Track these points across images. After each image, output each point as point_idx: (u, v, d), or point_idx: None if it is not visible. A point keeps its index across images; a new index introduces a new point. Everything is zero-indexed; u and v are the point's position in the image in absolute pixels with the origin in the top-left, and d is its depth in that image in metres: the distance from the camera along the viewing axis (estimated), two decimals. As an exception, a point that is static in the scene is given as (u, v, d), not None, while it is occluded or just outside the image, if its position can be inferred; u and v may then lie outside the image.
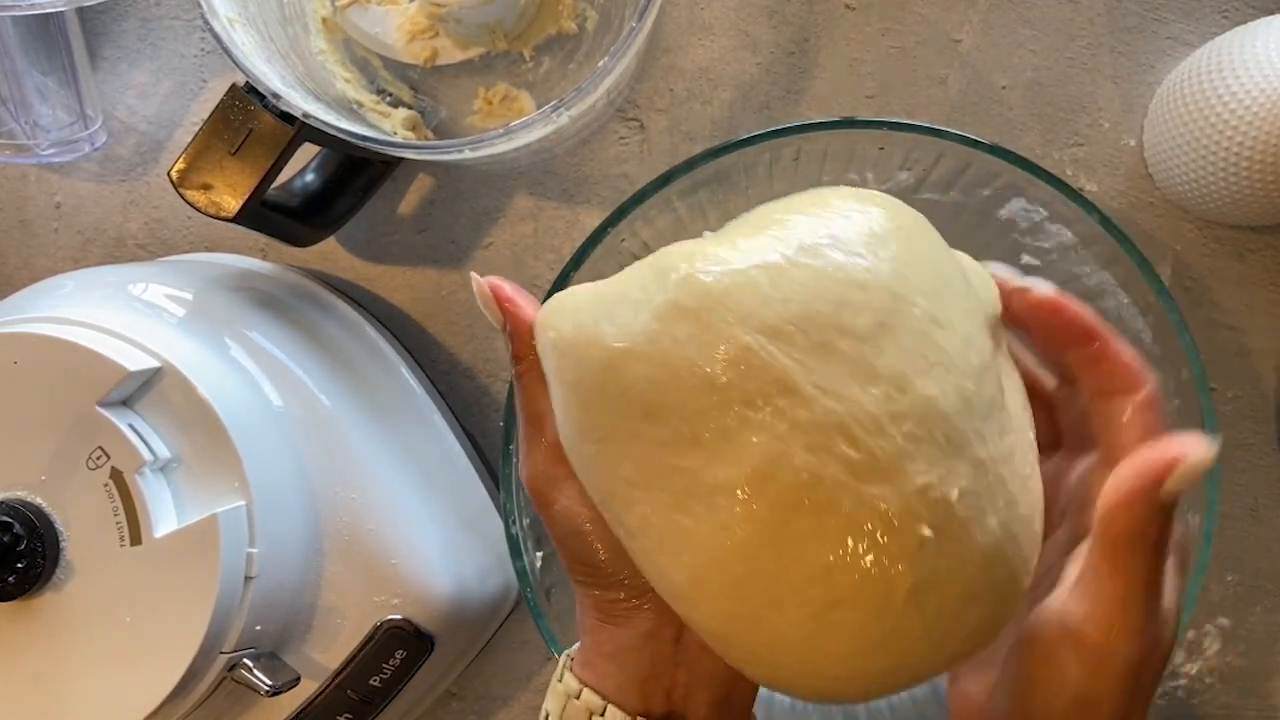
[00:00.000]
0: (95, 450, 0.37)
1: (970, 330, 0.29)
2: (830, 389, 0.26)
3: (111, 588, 0.37)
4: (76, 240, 0.52)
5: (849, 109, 0.50)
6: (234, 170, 0.39)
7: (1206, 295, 0.49)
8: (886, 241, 0.28)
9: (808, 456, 0.26)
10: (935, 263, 0.29)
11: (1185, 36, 0.49)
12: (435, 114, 0.50)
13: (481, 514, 0.46)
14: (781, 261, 0.28)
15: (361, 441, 0.42)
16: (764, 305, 0.27)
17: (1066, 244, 0.43)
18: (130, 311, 0.41)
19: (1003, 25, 0.49)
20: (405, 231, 0.51)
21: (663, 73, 0.50)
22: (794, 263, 0.28)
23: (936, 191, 0.44)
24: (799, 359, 0.26)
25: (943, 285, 0.29)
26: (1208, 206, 0.45)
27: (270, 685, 0.37)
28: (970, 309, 0.30)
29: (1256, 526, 0.49)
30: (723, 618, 0.27)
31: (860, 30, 0.49)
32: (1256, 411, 0.48)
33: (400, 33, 0.47)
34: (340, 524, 0.40)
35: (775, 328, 0.26)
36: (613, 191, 0.50)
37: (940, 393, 0.27)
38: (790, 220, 0.29)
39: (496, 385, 0.51)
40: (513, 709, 0.51)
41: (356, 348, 0.46)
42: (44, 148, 0.49)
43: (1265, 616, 0.48)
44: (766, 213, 0.30)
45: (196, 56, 0.51)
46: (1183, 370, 0.40)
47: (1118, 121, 0.49)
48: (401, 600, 0.40)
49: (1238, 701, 0.49)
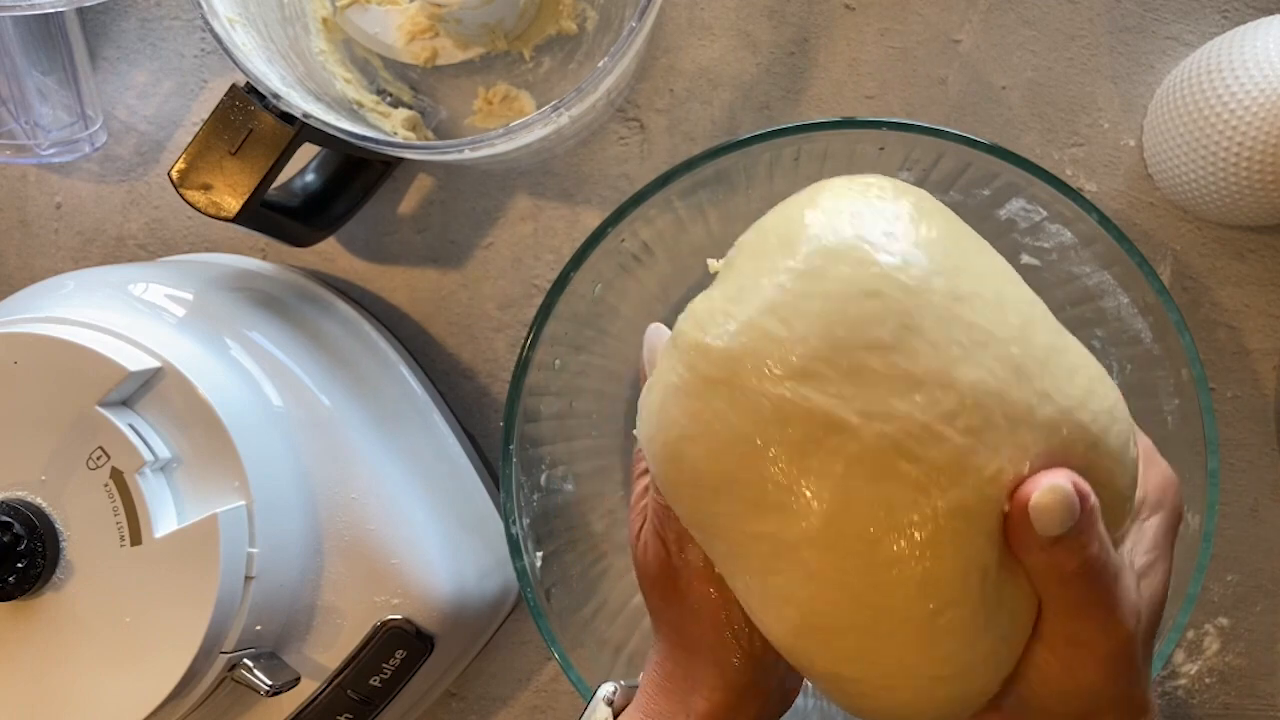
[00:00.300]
0: (95, 450, 0.37)
1: (999, 285, 0.28)
2: (875, 411, 0.26)
3: (111, 588, 0.37)
4: (77, 240, 0.52)
5: (849, 109, 0.50)
6: (234, 170, 0.39)
7: (1206, 295, 0.49)
8: (882, 234, 0.28)
9: (873, 487, 0.26)
10: (938, 232, 0.28)
11: (1184, 36, 0.49)
12: (435, 114, 0.50)
13: (481, 514, 0.46)
14: (787, 297, 0.27)
15: (361, 441, 0.42)
16: (784, 350, 0.26)
17: (1066, 244, 0.43)
18: (130, 311, 0.41)
19: (1002, 25, 0.49)
20: (405, 231, 0.51)
21: (663, 73, 0.50)
22: (801, 294, 0.27)
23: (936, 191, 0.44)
24: (835, 392, 0.26)
25: (954, 251, 0.28)
26: (1207, 206, 0.45)
27: (270, 685, 0.37)
28: (991, 260, 0.29)
29: (1256, 526, 0.49)
30: (836, 660, 0.28)
31: (860, 30, 0.49)
32: (1256, 411, 0.48)
33: (400, 33, 0.47)
34: (340, 524, 0.40)
35: (802, 369, 0.26)
36: (613, 191, 0.50)
37: (986, 373, 0.26)
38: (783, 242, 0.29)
39: (496, 385, 0.51)
40: (513, 709, 0.51)
41: (356, 348, 0.46)
42: (44, 148, 0.49)
43: (1265, 616, 0.49)
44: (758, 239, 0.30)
45: (196, 56, 0.51)
46: (1182, 370, 0.40)
47: (1117, 121, 0.49)
48: (401, 600, 0.40)
49: (1237, 701, 0.49)
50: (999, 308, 0.27)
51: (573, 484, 0.46)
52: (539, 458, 0.44)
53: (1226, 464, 0.48)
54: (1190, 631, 0.49)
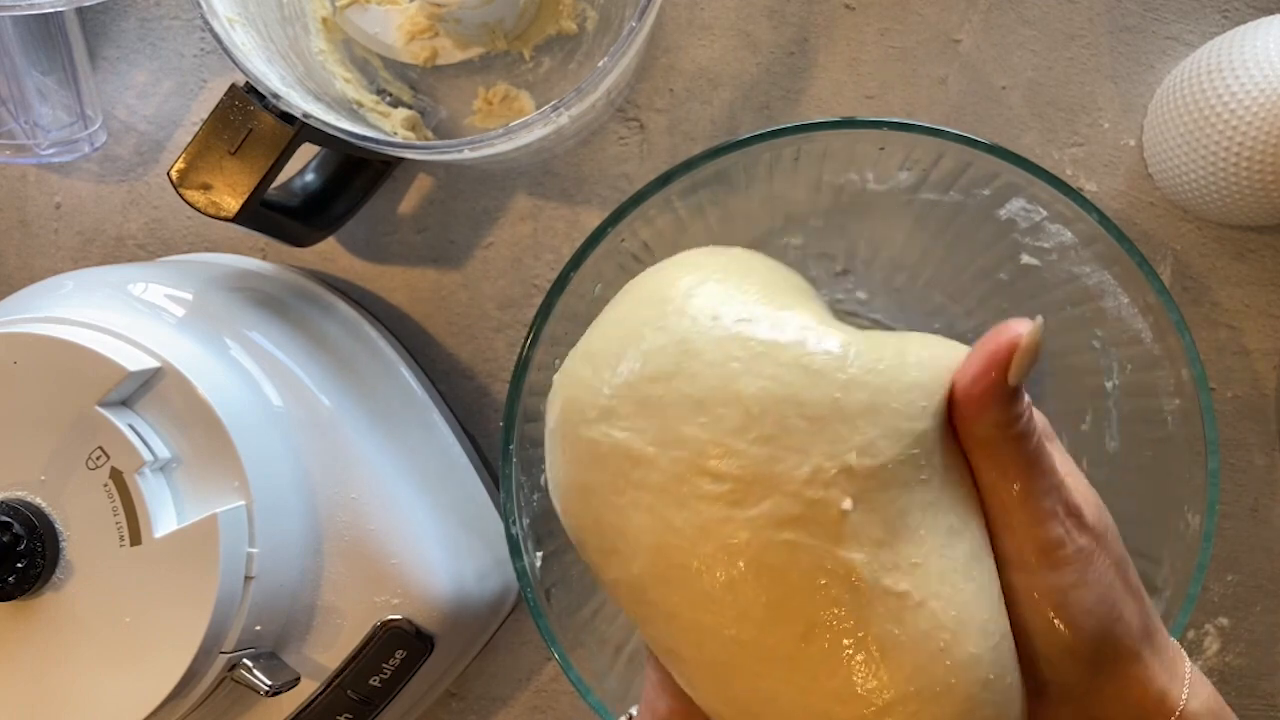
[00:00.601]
0: (95, 450, 0.37)
1: (780, 307, 0.28)
2: (668, 438, 0.25)
3: (111, 588, 0.37)
4: (76, 240, 0.52)
5: (849, 109, 0.50)
6: (234, 170, 0.39)
7: (1206, 295, 0.49)
8: (680, 283, 0.28)
9: (682, 512, 0.25)
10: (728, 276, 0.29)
11: (1185, 36, 0.49)
12: (435, 114, 0.50)
13: (481, 514, 0.46)
14: (595, 343, 0.28)
15: (361, 441, 0.42)
16: (593, 394, 0.27)
17: (1066, 244, 0.43)
18: (130, 311, 0.41)
19: (1003, 25, 0.49)
20: (405, 231, 0.51)
21: (662, 73, 0.50)
22: (605, 338, 0.28)
23: (936, 191, 0.44)
24: (629, 426, 0.26)
25: (734, 290, 0.28)
26: (1207, 206, 0.45)
27: (270, 685, 0.37)
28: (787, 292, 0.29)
29: (1256, 526, 0.49)
30: (720, 703, 0.26)
31: (860, 30, 0.49)
32: (1256, 411, 0.48)
33: (400, 33, 0.47)
34: (340, 524, 0.40)
35: (606, 408, 0.26)
36: (612, 191, 0.50)
37: (770, 381, 0.25)
38: (617, 298, 0.30)
39: (496, 385, 0.51)
40: (512, 708, 0.51)
41: (356, 348, 0.46)
42: (44, 148, 0.49)
43: (1265, 616, 0.49)
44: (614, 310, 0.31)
45: (196, 56, 0.51)
46: (1182, 370, 0.40)
47: (1117, 121, 0.49)
48: (401, 600, 0.40)
49: (1237, 701, 0.49)
50: (778, 325, 0.27)
51: (572, 484, 0.46)
52: (539, 457, 0.44)
53: (1226, 464, 0.48)
54: (1190, 632, 0.49)
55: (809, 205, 0.46)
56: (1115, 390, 0.43)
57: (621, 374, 0.27)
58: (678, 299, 0.28)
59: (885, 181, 0.44)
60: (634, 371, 0.26)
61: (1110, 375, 0.43)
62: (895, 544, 0.25)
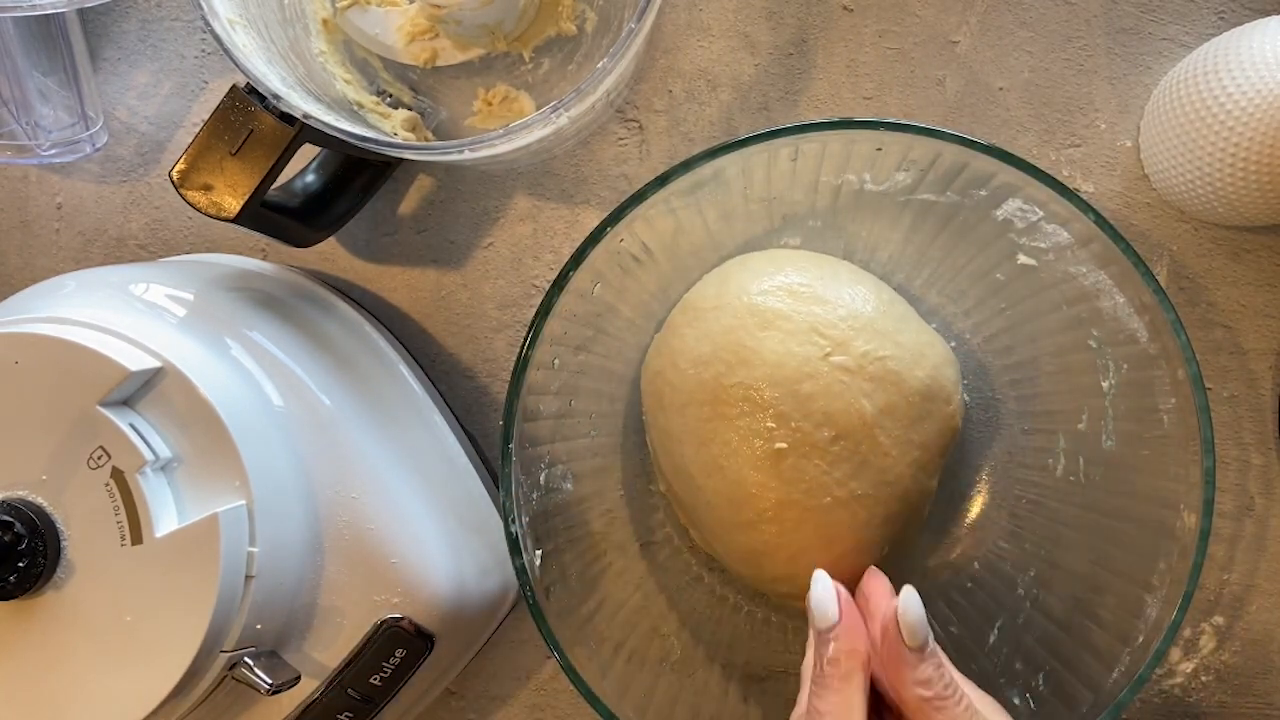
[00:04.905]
0: (96, 450, 0.37)
1: (865, 290, 0.44)
2: (800, 309, 0.43)
3: (112, 587, 0.37)
4: (77, 240, 0.52)
5: (847, 110, 0.50)
6: (234, 171, 0.39)
7: (1202, 295, 0.49)
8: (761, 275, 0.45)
9: (802, 348, 0.42)
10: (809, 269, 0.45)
11: (1181, 38, 0.49)
12: (435, 115, 0.50)
13: (481, 514, 0.47)
14: (759, 264, 0.46)
15: (361, 441, 0.42)
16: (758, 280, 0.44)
17: (1063, 244, 0.43)
18: (131, 312, 0.41)
19: (1000, 27, 0.49)
20: (405, 232, 0.51)
21: (661, 74, 0.50)
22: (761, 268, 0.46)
23: (934, 191, 0.44)
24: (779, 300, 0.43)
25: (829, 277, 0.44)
26: (1203, 207, 0.45)
27: (270, 684, 0.38)
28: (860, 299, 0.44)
29: (1252, 526, 0.49)
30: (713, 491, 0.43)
31: (858, 31, 0.50)
32: (1252, 411, 0.49)
33: (400, 34, 0.47)
34: (340, 524, 0.41)
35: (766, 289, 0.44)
36: (612, 192, 0.50)
37: (863, 305, 0.43)
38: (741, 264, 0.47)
39: (496, 385, 0.51)
40: (512, 707, 0.51)
41: (356, 348, 0.47)
42: (45, 148, 0.49)
43: (1260, 615, 0.49)
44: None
45: (197, 57, 0.52)
46: (1178, 369, 0.40)
47: (1114, 122, 0.49)
48: (401, 599, 0.41)
49: (1233, 699, 0.49)
50: (865, 299, 0.44)
51: (572, 483, 0.46)
52: (538, 457, 0.44)
53: (1222, 463, 0.48)
54: (1186, 630, 0.49)
55: (807, 205, 0.46)
56: (1112, 389, 0.43)
57: (776, 279, 0.44)
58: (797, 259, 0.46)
59: (882, 182, 0.44)
60: (785, 278, 0.44)
61: (1107, 374, 0.43)
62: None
